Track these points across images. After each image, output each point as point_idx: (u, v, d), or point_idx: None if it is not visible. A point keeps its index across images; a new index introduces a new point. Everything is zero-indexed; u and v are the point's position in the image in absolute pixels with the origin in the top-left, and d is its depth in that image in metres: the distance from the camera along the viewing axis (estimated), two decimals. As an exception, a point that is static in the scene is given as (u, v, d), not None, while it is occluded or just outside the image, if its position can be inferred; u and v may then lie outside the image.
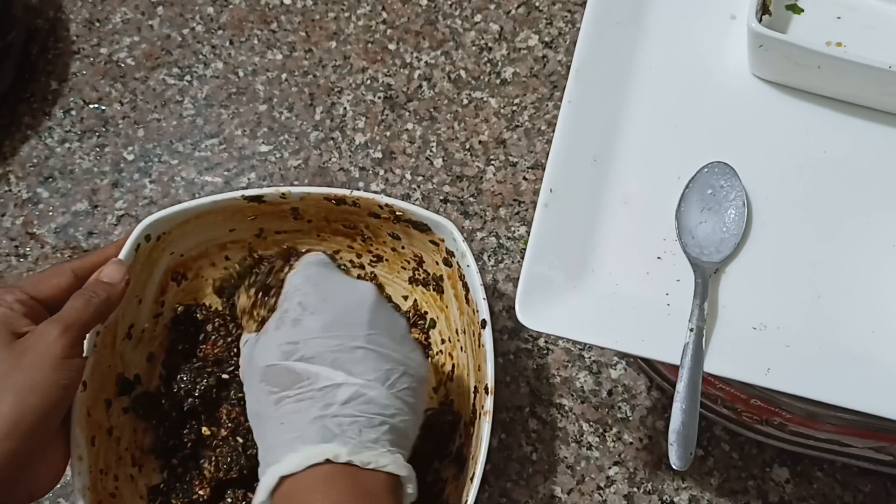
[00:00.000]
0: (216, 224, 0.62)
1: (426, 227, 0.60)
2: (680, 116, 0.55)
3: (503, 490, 0.63)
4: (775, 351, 0.49)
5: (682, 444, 0.47)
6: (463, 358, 0.61)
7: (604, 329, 0.50)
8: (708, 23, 0.57)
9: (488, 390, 0.55)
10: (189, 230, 0.61)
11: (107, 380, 0.58)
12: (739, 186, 0.52)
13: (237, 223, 0.62)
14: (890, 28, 0.57)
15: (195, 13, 0.79)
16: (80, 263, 0.55)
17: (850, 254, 0.52)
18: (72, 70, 0.77)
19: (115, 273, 0.54)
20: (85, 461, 0.54)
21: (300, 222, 0.63)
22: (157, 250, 0.60)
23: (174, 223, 0.60)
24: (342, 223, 0.63)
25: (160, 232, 0.59)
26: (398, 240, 0.63)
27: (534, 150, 0.73)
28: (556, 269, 0.51)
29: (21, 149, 0.74)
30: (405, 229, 0.61)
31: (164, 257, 0.61)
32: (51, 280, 0.54)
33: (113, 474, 0.57)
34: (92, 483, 0.54)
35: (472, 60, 0.76)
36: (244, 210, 0.61)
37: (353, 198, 0.60)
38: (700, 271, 0.51)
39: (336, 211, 0.61)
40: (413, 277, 0.65)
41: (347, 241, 0.65)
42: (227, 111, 0.75)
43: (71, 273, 0.55)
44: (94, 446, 0.55)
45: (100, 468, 0.56)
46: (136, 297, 0.60)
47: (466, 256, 0.57)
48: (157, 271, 0.61)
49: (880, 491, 0.62)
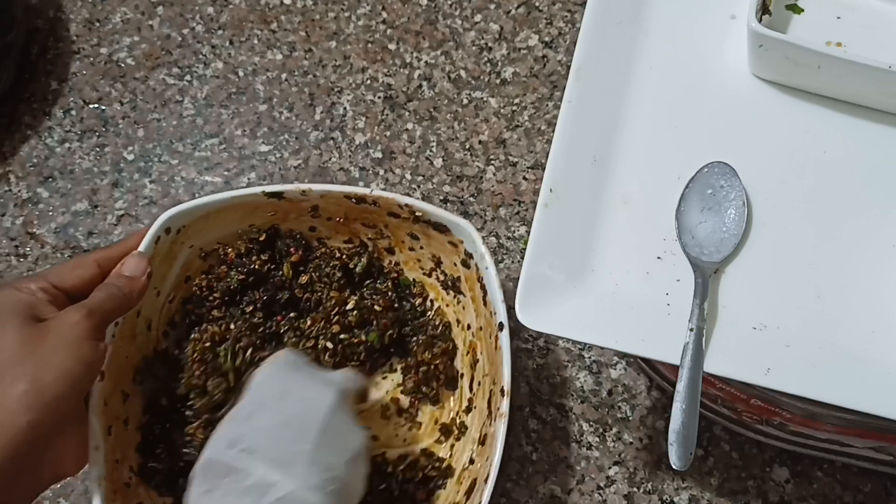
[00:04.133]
0: (235, 219, 0.62)
1: (445, 229, 0.60)
2: (680, 116, 0.55)
3: (503, 490, 0.63)
4: (775, 351, 0.49)
5: (682, 443, 0.47)
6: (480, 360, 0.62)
7: (604, 329, 0.50)
8: (708, 23, 0.57)
9: (504, 392, 0.55)
10: (209, 224, 0.61)
11: (124, 371, 0.59)
12: (739, 186, 0.53)
13: (257, 219, 0.63)
14: (890, 28, 0.57)
15: (195, 13, 0.79)
16: (103, 254, 0.56)
17: (850, 254, 0.52)
18: (72, 70, 0.77)
19: (136, 267, 0.55)
20: (101, 450, 0.54)
21: (319, 220, 0.63)
22: (177, 243, 0.60)
23: (194, 217, 0.60)
24: (361, 222, 0.63)
25: (180, 225, 0.60)
26: (417, 240, 0.63)
27: (534, 150, 0.73)
28: (556, 269, 0.51)
29: (21, 149, 0.74)
30: (424, 230, 0.61)
31: (184, 251, 0.62)
32: (74, 270, 0.54)
33: (128, 464, 0.57)
34: (108, 472, 0.55)
35: (472, 60, 0.76)
36: (264, 206, 0.61)
37: (373, 197, 0.60)
38: (700, 271, 0.51)
39: (355, 210, 0.62)
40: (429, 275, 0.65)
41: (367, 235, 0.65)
42: (227, 111, 0.75)
43: (94, 264, 0.55)
44: (110, 436, 0.56)
45: (115, 458, 0.56)
46: (155, 289, 0.61)
47: (485, 258, 0.57)
48: (177, 265, 0.62)
49: (880, 491, 0.62)
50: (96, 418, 0.54)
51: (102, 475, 0.54)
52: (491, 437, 0.56)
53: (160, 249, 0.59)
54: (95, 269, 0.55)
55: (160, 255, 0.59)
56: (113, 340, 0.56)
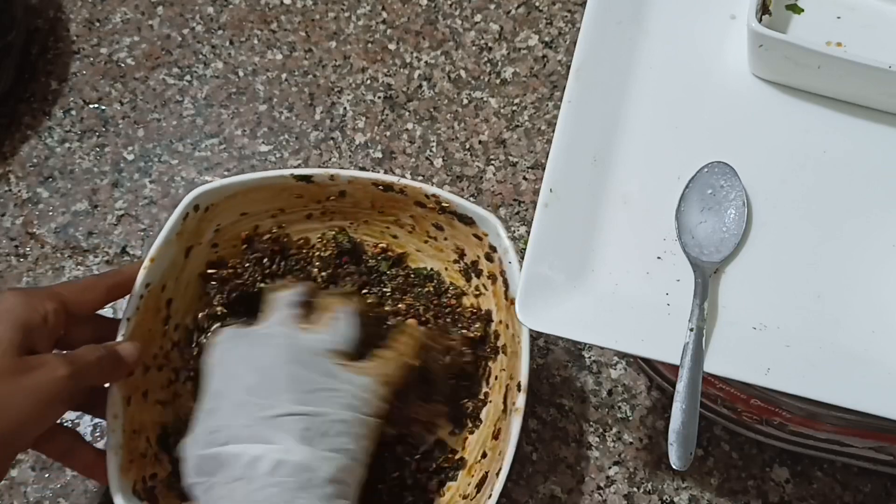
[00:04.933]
0: (262, 200, 0.62)
1: (471, 221, 0.60)
2: (680, 116, 0.55)
3: (503, 490, 0.63)
4: (775, 351, 0.49)
5: (682, 443, 0.47)
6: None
7: (604, 329, 0.50)
8: (708, 23, 0.57)
9: (521, 387, 0.55)
10: (236, 204, 0.62)
11: (147, 344, 0.59)
12: (739, 186, 0.53)
13: (283, 202, 0.63)
14: (890, 28, 0.57)
15: (195, 13, 0.79)
16: (113, 280, 0.57)
17: (850, 254, 0.52)
18: (72, 70, 0.77)
19: (130, 353, 0.54)
20: (120, 419, 0.55)
21: (346, 204, 0.64)
22: (204, 221, 0.61)
23: (222, 196, 0.60)
24: (388, 209, 0.64)
25: (209, 203, 0.60)
26: (441, 230, 0.63)
27: (534, 150, 0.73)
28: (556, 269, 0.51)
29: (21, 149, 0.74)
30: (449, 221, 0.61)
31: (209, 230, 0.62)
32: (86, 295, 0.55)
33: (145, 436, 0.58)
34: (125, 442, 0.55)
35: (472, 60, 0.76)
36: (291, 188, 0.62)
37: (400, 185, 0.60)
38: (700, 271, 0.51)
39: (382, 197, 0.62)
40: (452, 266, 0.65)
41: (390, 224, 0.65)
42: (227, 111, 0.75)
43: (105, 289, 0.56)
44: (129, 406, 0.56)
45: (133, 429, 0.57)
46: (179, 268, 0.61)
47: (509, 253, 0.58)
48: (204, 243, 0.62)
49: (880, 491, 0.62)
50: (117, 387, 0.55)
51: (120, 444, 0.55)
52: (505, 432, 0.56)
53: (188, 226, 0.60)
54: (104, 295, 0.56)
55: (188, 232, 0.60)
56: (137, 312, 0.57)
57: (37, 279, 0.70)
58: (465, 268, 0.64)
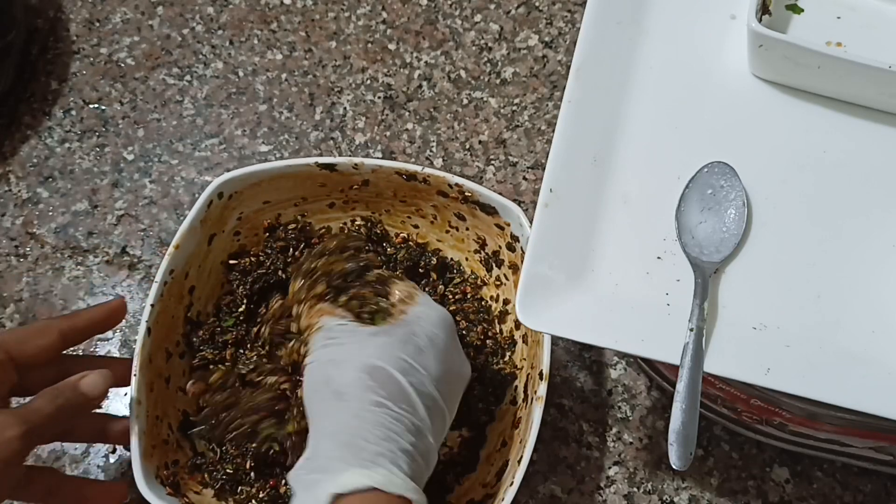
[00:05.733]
0: (285, 189, 0.63)
1: (493, 210, 0.61)
2: (680, 116, 0.55)
3: (503, 490, 0.63)
4: (775, 351, 0.49)
5: (682, 443, 0.47)
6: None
7: (604, 329, 0.50)
8: (708, 23, 0.57)
9: (542, 376, 0.56)
10: (259, 192, 0.62)
11: (171, 331, 0.60)
12: (739, 186, 0.52)
13: (306, 191, 0.64)
14: (890, 28, 0.57)
15: (195, 13, 0.79)
16: (68, 324, 0.54)
17: (850, 254, 0.52)
18: (72, 70, 0.77)
19: (94, 387, 0.51)
20: (143, 405, 0.56)
21: (369, 193, 0.64)
22: (228, 209, 0.62)
23: (246, 184, 0.61)
24: (410, 199, 0.64)
25: (232, 191, 0.61)
26: (463, 220, 0.63)
27: (534, 150, 0.73)
28: (556, 268, 0.51)
29: (21, 149, 0.74)
30: (472, 211, 0.62)
31: (232, 218, 0.63)
32: (36, 340, 0.52)
33: (167, 423, 0.58)
34: (148, 428, 0.56)
35: (472, 60, 0.76)
36: (315, 177, 0.62)
37: (423, 174, 0.61)
38: (700, 271, 0.51)
39: (405, 187, 0.63)
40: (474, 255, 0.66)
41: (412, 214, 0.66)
42: (227, 111, 0.75)
43: (58, 334, 0.53)
44: (151, 392, 0.57)
45: (156, 415, 0.57)
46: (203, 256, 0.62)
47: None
48: (227, 231, 0.63)
49: (880, 491, 0.62)
50: (141, 374, 0.56)
51: (143, 429, 0.55)
52: (526, 420, 0.57)
53: (212, 213, 0.60)
54: (57, 340, 0.53)
55: (212, 219, 0.61)
56: (161, 299, 0.58)
57: (37, 279, 0.70)
58: (486, 258, 0.64)
